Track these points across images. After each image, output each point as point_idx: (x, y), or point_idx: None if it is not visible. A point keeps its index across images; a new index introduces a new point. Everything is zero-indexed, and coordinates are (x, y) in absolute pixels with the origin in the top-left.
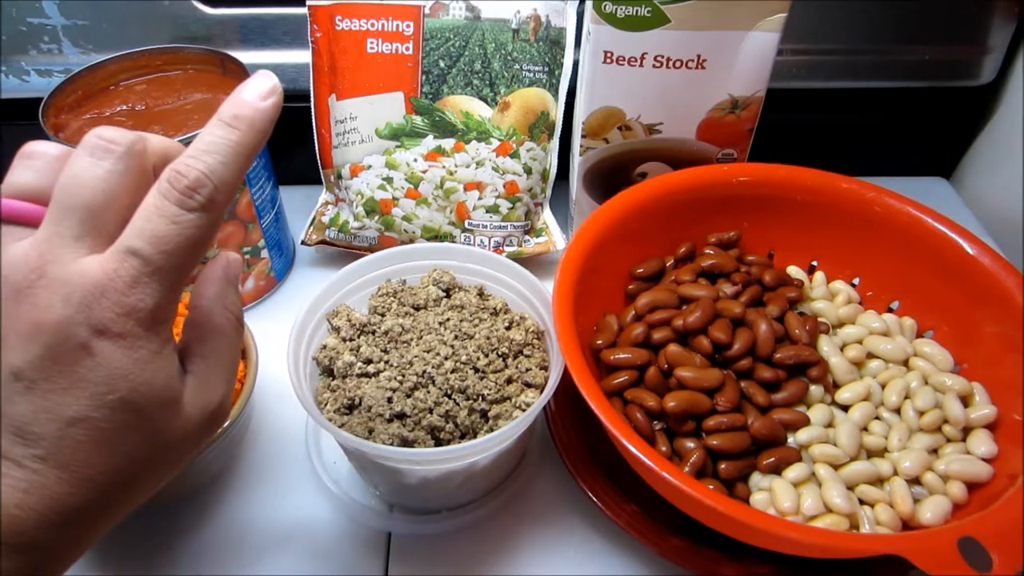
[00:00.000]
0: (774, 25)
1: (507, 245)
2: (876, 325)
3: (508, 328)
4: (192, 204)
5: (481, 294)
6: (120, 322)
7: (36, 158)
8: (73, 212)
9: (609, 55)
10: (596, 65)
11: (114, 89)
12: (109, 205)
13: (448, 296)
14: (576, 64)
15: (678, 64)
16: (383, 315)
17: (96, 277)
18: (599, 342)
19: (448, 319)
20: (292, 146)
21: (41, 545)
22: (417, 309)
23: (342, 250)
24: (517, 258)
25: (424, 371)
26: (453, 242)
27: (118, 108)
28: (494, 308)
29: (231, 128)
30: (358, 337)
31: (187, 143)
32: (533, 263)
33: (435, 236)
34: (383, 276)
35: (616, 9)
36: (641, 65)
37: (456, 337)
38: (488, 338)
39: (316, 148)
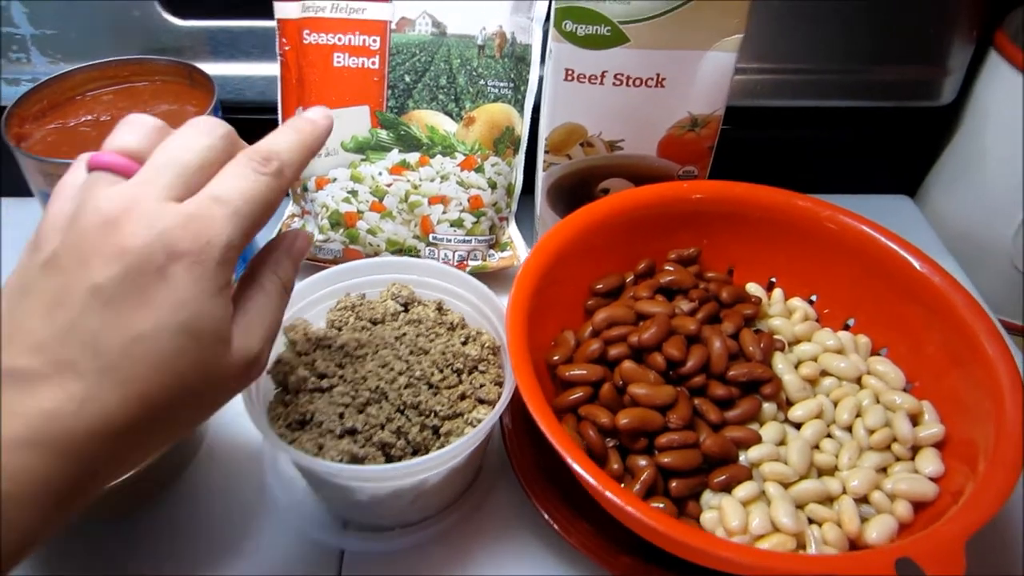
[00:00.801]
0: (731, 46)
1: (471, 259)
2: (831, 343)
3: (464, 343)
4: (266, 170)
5: (440, 309)
6: (195, 252)
7: (137, 125)
8: (169, 167)
9: (570, 73)
10: (558, 82)
11: (80, 99)
12: (202, 169)
13: (406, 310)
14: (541, 80)
15: (638, 82)
16: (340, 329)
17: (179, 213)
18: (556, 357)
19: (405, 333)
20: None
21: (86, 456)
22: (375, 323)
23: (307, 262)
24: (481, 272)
25: (377, 386)
26: (418, 256)
27: (83, 119)
28: (451, 323)
29: (298, 129)
30: (314, 351)
31: None
32: (498, 277)
33: (400, 249)
34: (343, 289)
35: (576, 28)
36: (602, 83)
37: (412, 352)
38: (444, 353)
39: None
